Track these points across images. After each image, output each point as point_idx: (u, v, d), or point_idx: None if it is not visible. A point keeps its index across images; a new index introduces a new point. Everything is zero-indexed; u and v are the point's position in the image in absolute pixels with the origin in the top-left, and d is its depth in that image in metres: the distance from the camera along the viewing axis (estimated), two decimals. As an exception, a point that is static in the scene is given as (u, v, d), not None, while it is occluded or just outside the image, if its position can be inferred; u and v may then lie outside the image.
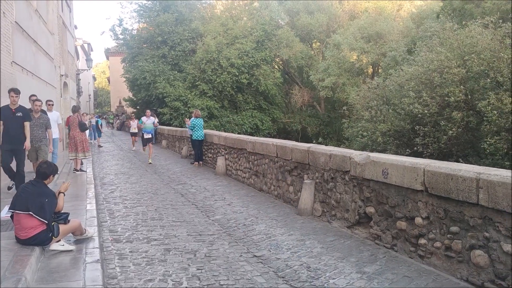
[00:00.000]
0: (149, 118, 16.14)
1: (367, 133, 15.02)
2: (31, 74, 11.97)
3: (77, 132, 11.38)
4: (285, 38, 28.33)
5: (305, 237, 5.87)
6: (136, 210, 7.53)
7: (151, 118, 16.28)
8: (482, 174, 4.02)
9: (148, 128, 15.81)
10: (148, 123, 15.82)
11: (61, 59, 19.16)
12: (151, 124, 15.95)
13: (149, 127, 15.80)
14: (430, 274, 4.44)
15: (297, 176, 7.78)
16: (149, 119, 16.02)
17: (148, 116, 16.30)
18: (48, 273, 4.26)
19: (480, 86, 12.38)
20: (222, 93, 27.23)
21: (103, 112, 63.54)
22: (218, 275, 4.54)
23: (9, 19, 9.78)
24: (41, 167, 5.09)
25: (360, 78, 26.24)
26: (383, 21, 25.75)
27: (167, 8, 28.79)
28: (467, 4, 19.46)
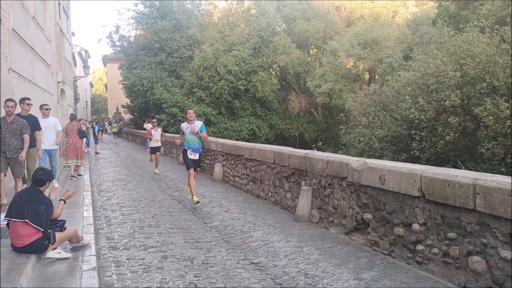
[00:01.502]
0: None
1: (364, 139, 15.05)
2: (28, 81, 11.96)
3: (76, 139, 12.03)
4: (282, 44, 28.43)
5: (302, 244, 5.85)
6: (133, 217, 7.50)
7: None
8: (479, 180, 4.03)
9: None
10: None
11: (58, 66, 19.16)
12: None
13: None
14: (428, 280, 4.43)
15: (294, 183, 7.77)
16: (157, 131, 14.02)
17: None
18: (44, 281, 4.23)
19: (477, 91, 12.43)
20: (219, 99, 27.28)
21: (101, 118, 63.46)
22: (216, 282, 4.52)
23: (6, 26, 9.78)
24: (37, 173, 5.07)
25: (357, 85, 26.34)
26: (379, 28, 25.90)
27: (165, 15, 28.88)
28: (462, 10, 19.59)
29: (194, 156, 8.69)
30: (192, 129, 8.62)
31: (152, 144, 13.91)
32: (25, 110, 7.99)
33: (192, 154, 8.66)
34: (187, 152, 8.65)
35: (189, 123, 8.77)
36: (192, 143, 8.67)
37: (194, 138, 8.68)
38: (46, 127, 9.33)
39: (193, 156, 8.67)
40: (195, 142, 8.69)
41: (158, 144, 13.87)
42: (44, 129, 9.00)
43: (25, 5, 12.18)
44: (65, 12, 23.10)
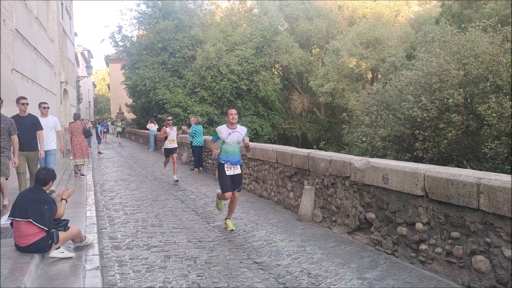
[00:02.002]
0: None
1: (367, 139, 15.02)
2: (31, 81, 12.00)
3: (82, 139, 12.13)
4: (284, 44, 28.42)
5: (305, 243, 5.85)
6: (136, 217, 7.51)
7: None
8: (483, 179, 4.01)
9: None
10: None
11: (61, 66, 19.21)
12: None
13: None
14: (431, 280, 4.42)
15: (297, 182, 7.76)
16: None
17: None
18: (48, 280, 4.23)
19: (480, 90, 12.39)
20: (221, 99, 27.29)
21: (104, 118, 63.59)
22: (219, 281, 4.52)
23: (10, 26, 9.81)
24: (40, 173, 5.08)
25: (360, 84, 26.29)
26: (381, 27, 25.85)
27: (167, 15, 28.91)
28: (465, 9, 19.53)
29: (234, 171, 6.54)
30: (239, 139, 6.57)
31: (168, 145, 11.91)
32: (22, 110, 7.67)
33: (231, 168, 6.53)
34: (224, 167, 6.50)
35: (230, 128, 6.60)
36: (232, 155, 6.56)
37: (235, 149, 6.59)
38: (44, 127, 8.63)
39: (232, 171, 6.52)
40: (236, 153, 6.61)
41: (174, 145, 11.98)
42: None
43: (28, 5, 12.21)
44: (68, 13, 23.15)
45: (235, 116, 6.63)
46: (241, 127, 6.75)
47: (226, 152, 6.55)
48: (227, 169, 6.49)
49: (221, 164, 6.56)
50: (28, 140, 7.59)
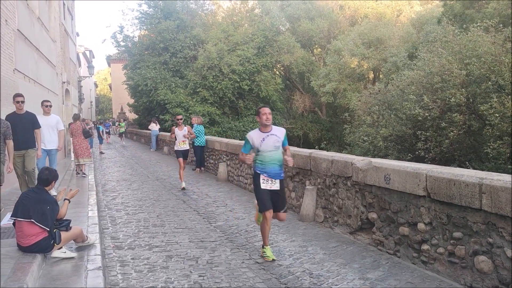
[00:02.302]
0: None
1: (369, 138, 15.01)
2: (33, 82, 12.01)
3: (82, 139, 12.21)
4: (286, 44, 28.42)
5: (307, 243, 5.84)
6: (137, 217, 7.51)
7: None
8: (485, 179, 4.00)
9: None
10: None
11: (63, 66, 19.23)
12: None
13: None
14: (433, 280, 4.41)
15: (299, 182, 7.76)
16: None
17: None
18: (50, 280, 4.24)
19: (482, 90, 12.38)
20: (223, 99, 27.29)
21: (105, 118, 63.68)
22: (220, 282, 4.52)
23: (12, 26, 9.83)
24: (43, 173, 5.09)
25: (361, 84, 26.29)
26: (383, 27, 25.84)
27: (169, 15, 28.93)
28: (467, 9, 19.51)
29: (271, 185, 5.24)
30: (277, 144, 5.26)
31: (178, 146, 10.73)
32: (18, 108, 7.36)
33: (267, 181, 5.24)
34: (259, 177, 5.26)
35: (264, 131, 5.27)
36: (270, 164, 5.24)
37: (274, 156, 5.25)
38: (46, 126, 8.52)
39: (269, 185, 5.23)
40: (275, 161, 5.26)
41: (185, 147, 10.75)
42: (44, 127, 8.25)
43: (30, 5, 12.23)
44: (69, 13, 23.18)
45: (269, 117, 5.23)
46: (278, 128, 5.38)
47: (263, 161, 5.23)
48: (263, 181, 5.22)
49: (256, 174, 5.31)
50: (25, 138, 7.28)
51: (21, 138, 7.13)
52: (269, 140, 5.24)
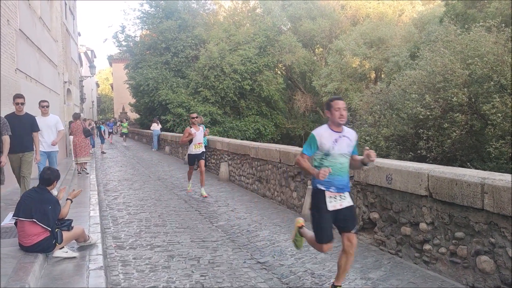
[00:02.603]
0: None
1: (370, 138, 15.00)
2: (34, 81, 12.03)
3: (82, 138, 12.28)
4: (287, 43, 28.41)
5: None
6: (139, 217, 7.52)
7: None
8: (487, 179, 3.99)
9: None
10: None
11: (64, 66, 19.25)
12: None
13: None
14: (435, 280, 4.41)
15: (300, 182, 7.75)
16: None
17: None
18: (52, 280, 4.24)
19: (484, 90, 12.36)
20: (224, 99, 27.30)
21: (108, 118, 63.70)
22: (222, 281, 4.52)
23: (13, 26, 9.84)
24: (45, 173, 5.09)
25: (363, 84, 26.26)
26: (385, 26, 25.81)
27: (170, 15, 28.95)
28: (469, 9, 19.48)
29: (341, 202, 4.02)
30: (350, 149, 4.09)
31: (193, 150, 9.41)
32: (18, 110, 7.17)
33: (336, 198, 4.01)
34: (324, 196, 3.99)
35: (336, 130, 4.04)
36: (338, 174, 4.00)
37: (345, 164, 4.06)
38: (45, 126, 8.26)
39: (338, 202, 4.01)
40: (344, 171, 4.07)
41: (201, 149, 9.46)
42: (42, 128, 8.00)
43: (32, 5, 12.25)
44: (71, 12, 23.20)
45: (345, 113, 3.99)
46: (350, 130, 4.16)
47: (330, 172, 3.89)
48: (330, 200, 3.95)
49: (319, 191, 3.99)
50: (22, 140, 7.05)
51: (18, 140, 6.89)
52: (342, 143, 3.99)
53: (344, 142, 4.03)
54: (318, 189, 4.00)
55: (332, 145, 3.96)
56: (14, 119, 7.01)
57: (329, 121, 4.09)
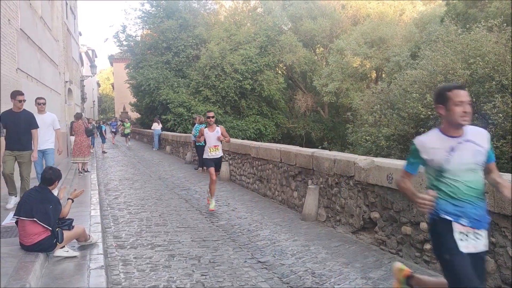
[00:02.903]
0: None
1: (371, 138, 15.00)
2: (35, 81, 12.04)
3: (84, 138, 12.33)
4: (288, 43, 28.41)
5: (309, 243, 5.84)
6: (140, 216, 7.52)
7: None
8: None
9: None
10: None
11: (65, 65, 19.27)
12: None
13: None
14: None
15: (301, 182, 7.75)
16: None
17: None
18: (53, 279, 4.25)
19: (485, 89, 12.36)
20: (225, 98, 27.31)
21: (108, 118, 63.73)
22: (223, 281, 4.52)
23: (14, 26, 9.84)
24: (46, 172, 5.09)
25: (364, 83, 26.26)
26: (386, 26, 25.79)
27: (171, 14, 28.95)
28: (470, 8, 19.47)
29: (478, 242, 2.79)
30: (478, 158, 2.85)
31: (208, 153, 8.14)
32: (17, 107, 6.93)
33: (470, 236, 2.78)
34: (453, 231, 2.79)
35: (454, 135, 2.88)
36: (468, 197, 2.80)
37: (474, 180, 2.83)
38: (41, 125, 7.85)
39: (475, 244, 2.78)
40: (478, 189, 2.85)
41: (218, 153, 8.19)
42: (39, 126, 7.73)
43: (33, 5, 12.25)
44: (72, 12, 23.22)
45: (469, 108, 2.85)
46: (476, 129, 2.95)
47: (454, 193, 2.82)
48: (461, 237, 2.79)
49: (441, 221, 2.85)
50: (19, 138, 6.83)
51: (14, 137, 6.74)
52: (464, 150, 2.84)
53: (469, 150, 2.84)
54: (440, 218, 2.81)
55: (447, 155, 2.81)
56: (11, 116, 6.82)
57: (442, 121, 2.95)
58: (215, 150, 8.12)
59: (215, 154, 8.15)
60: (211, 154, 8.14)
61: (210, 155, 8.15)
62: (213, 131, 8.12)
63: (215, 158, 8.18)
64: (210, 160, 8.17)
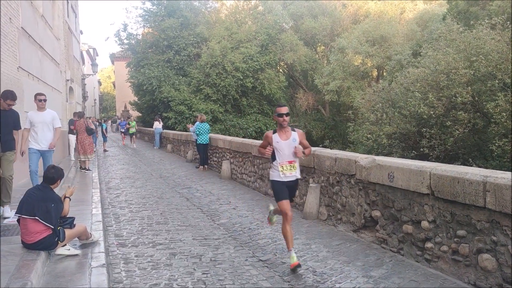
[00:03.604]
0: None
1: (372, 136, 14.99)
2: (37, 79, 12.05)
3: (85, 136, 12.57)
4: (289, 42, 28.39)
5: (310, 241, 5.84)
6: (141, 215, 7.53)
7: None
8: (489, 177, 3.99)
9: None
10: None
11: (66, 64, 19.27)
12: None
13: None
14: (437, 278, 4.40)
15: (302, 180, 7.74)
16: None
17: None
18: (54, 277, 4.26)
19: (488, 88, 12.33)
20: (226, 97, 27.29)
21: (109, 116, 63.75)
22: (224, 279, 4.53)
23: (16, 24, 9.85)
24: (48, 171, 5.10)
25: (365, 82, 26.26)
26: (387, 24, 25.76)
27: (172, 13, 28.91)
28: (472, 6, 19.43)
29: None
30: None
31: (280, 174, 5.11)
32: (3, 107, 6.42)
33: None
34: None
35: None
36: None
37: None
38: (41, 123, 7.42)
39: None
40: None
41: (295, 174, 5.19)
42: (38, 125, 7.37)
43: (34, 3, 12.26)
44: (73, 11, 23.22)
45: None
46: None
47: None
48: None
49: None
50: (4, 138, 6.35)
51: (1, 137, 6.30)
52: None
53: None
54: None
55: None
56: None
57: None
58: (290, 168, 5.08)
59: (290, 175, 5.08)
60: (285, 175, 5.06)
61: (283, 176, 5.06)
62: (287, 138, 5.10)
63: (290, 182, 5.12)
64: (282, 185, 5.08)
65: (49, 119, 7.60)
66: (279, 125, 5.18)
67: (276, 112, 5.20)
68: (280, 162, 5.08)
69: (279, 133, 5.15)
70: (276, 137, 5.13)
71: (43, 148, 7.46)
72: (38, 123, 7.37)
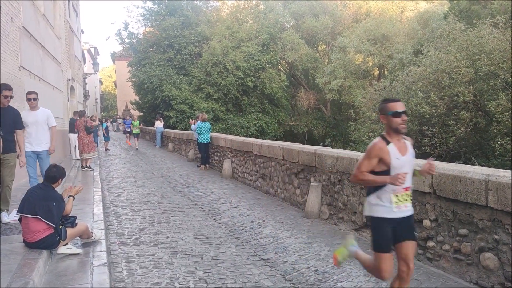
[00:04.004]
0: None
1: (374, 135, 14.98)
2: (38, 79, 12.06)
3: (84, 135, 12.66)
4: (290, 40, 28.39)
5: (312, 240, 5.84)
6: (143, 213, 7.53)
7: None
8: (491, 176, 3.98)
9: None
10: None
11: (68, 63, 19.29)
12: None
13: None
14: (439, 277, 4.40)
15: (303, 179, 7.75)
16: None
17: None
18: (56, 276, 4.26)
19: (490, 87, 12.31)
20: (227, 96, 27.31)
21: (109, 116, 63.80)
22: (225, 278, 4.53)
23: (17, 24, 9.86)
24: (50, 170, 5.10)
25: (367, 81, 26.24)
26: (388, 23, 25.74)
27: (174, 12, 28.92)
28: (474, 5, 19.40)
29: None
30: None
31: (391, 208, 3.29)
32: (2, 104, 5.96)
33: None
34: None
35: None
36: None
37: None
38: (33, 123, 6.90)
39: None
40: None
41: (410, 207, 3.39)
42: (31, 125, 6.83)
43: (35, 3, 12.26)
44: (74, 10, 23.22)
45: None
46: None
47: None
48: None
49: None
50: (2, 139, 5.93)
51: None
52: None
53: None
54: None
55: None
56: None
57: None
58: (405, 199, 3.36)
59: (405, 208, 3.36)
60: (400, 208, 3.33)
61: (397, 211, 3.32)
62: (406, 151, 3.38)
63: (403, 219, 3.35)
64: (389, 226, 3.33)
65: (43, 118, 7.06)
66: (394, 129, 3.36)
67: (387, 110, 3.39)
68: (394, 189, 3.26)
69: (395, 142, 3.34)
70: (394, 150, 3.30)
71: (37, 149, 6.97)
72: (31, 123, 6.86)
